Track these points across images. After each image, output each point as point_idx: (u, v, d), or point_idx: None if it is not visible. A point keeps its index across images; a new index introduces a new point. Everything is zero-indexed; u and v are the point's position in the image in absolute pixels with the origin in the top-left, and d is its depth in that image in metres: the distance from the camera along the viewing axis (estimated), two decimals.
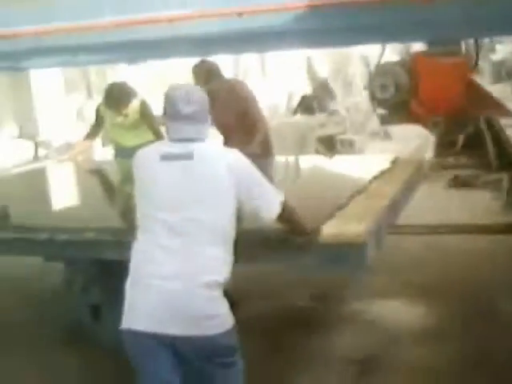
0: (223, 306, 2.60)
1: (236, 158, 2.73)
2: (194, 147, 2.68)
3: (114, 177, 5.63)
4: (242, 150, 2.84)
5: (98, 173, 5.87)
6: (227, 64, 11.18)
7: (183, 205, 2.61)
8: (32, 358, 4.17)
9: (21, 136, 9.44)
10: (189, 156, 2.65)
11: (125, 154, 5.53)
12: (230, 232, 2.66)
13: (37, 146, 8.93)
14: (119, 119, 5.76)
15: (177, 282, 2.52)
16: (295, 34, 4.70)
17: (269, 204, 2.74)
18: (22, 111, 9.19)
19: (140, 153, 2.87)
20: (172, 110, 2.72)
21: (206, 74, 5.27)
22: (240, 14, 4.41)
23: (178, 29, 4.59)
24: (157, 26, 4.63)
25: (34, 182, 5.61)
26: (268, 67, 13.37)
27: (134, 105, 5.73)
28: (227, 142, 5.41)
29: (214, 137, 6.49)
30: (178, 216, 2.59)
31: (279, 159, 5.64)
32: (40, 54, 5.20)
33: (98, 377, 3.82)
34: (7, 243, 3.74)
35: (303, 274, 4.01)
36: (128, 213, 2.83)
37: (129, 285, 2.63)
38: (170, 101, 2.74)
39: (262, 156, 5.06)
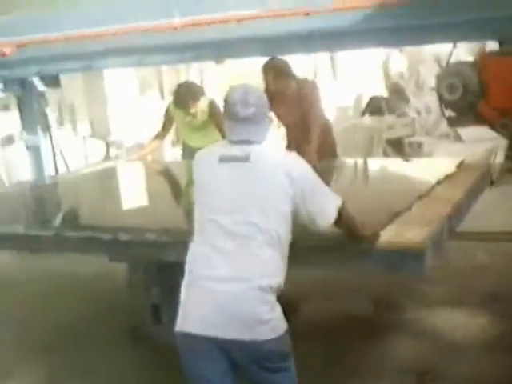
0: (276, 311, 2.57)
1: (293, 161, 2.70)
2: (252, 149, 2.66)
3: (181, 178, 5.67)
4: (303, 150, 2.82)
5: (166, 173, 5.94)
6: (298, 64, 11.14)
7: (239, 207, 2.59)
8: (95, 355, 4.28)
9: (93, 136, 9.66)
10: (246, 158, 2.64)
11: (192, 154, 5.55)
12: (285, 236, 2.62)
13: (108, 145, 9.13)
14: (187, 119, 5.80)
15: (230, 285, 2.50)
16: (365, 33, 4.64)
17: (325, 210, 2.69)
18: (95, 111, 9.40)
19: (199, 154, 2.89)
20: (230, 112, 2.72)
21: (275, 73, 5.28)
22: (307, 14, 4.38)
23: (246, 28, 4.58)
24: (226, 25, 4.64)
25: (103, 182, 5.73)
26: (339, 68, 13.23)
27: (203, 105, 5.75)
28: (291, 142, 5.40)
29: (276, 137, 6.52)
30: (233, 218, 2.58)
31: (347, 161, 5.59)
32: (113, 54, 5.28)
33: (156, 376, 3.87)
34: (74, 241, 3.83)
35: (362, 279, 3.95)
36: (190, 214, 2.83)
37: (184, 286, 2.64)
38: (228, 102, 2.74)
39: (323, 158, 5.04)
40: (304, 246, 2.85)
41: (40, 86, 6.22)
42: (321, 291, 4.80)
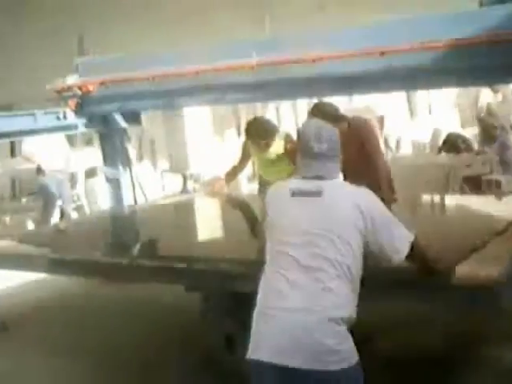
0: (347, 342, 2.60)
1: (365, 196, 2.76)
2: (324, 184, 2.73)
3: (256, 211, 5.78)
4: (374, 187, 2.87)
5: (241, 206, 6.06)
6: (371, 103, 11.19)
7: (310, 241, 2.65)
8: (169, 382, 4.38)
9: (172, 170, 9.93)
10: (318, 193, 2.71)
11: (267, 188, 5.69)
12: (357, 270, 2.67)
13: (185, 179, 9.36)
14: (262, 154, 5.93)
15: (301, 315, 2.56)
16: (440, 72, 4.65)
17: (397, 245, 2.73)
18: (173, 147, 9.67)
19: (272, 188, 2.99)
20: (304, 147, 2.80)
21: (321, 117, 5.35)
22: (382, 53, 4.44)
23: (321, 68, 4.68)
24: (301, 65, 4.76)
25: (180, 213, 5.91)
26: (416, 105, 13.20)
27: (277, 140, 5.88)
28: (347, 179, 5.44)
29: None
30: (304, 251, 2.64)
31: (424, 197, 5.60)
32: (192, 93, 5.45)
33: None
34: (149, 270, 3.98)
35: (438, 314, 3.91)
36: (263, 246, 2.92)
37: (255, 316, 2.70)
38: (302, 138, 2.83)
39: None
40: (376, 278, 2.88)
41: (121, 123, 6.47)
42: (396, 323, 4.76)
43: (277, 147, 5.88)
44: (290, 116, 12.05)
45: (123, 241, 5.18)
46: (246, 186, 10.13)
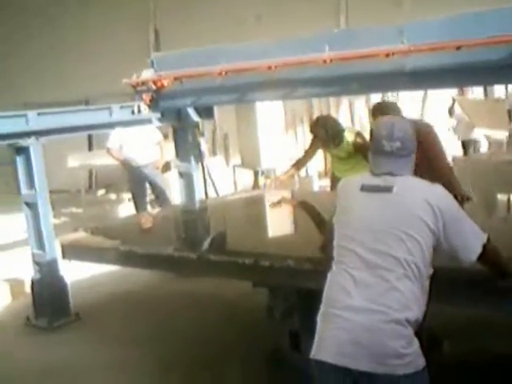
0: (413, 346, 2.53)
1: (438, 193, 2.68)
2: (395, 180, 2.68)
3: (325, 207, 5.74)
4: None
5: (311, 203, 6.02)
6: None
7: (378, 238, 2.60)
8: (233, 377, 4.38)
9: (243, 165, 9.96)
10: (388, 189, 2.65)
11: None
12: (426, 269, 2.59)
13: (257, 174, 9.37)
14: (334, 150, 5.89)
15: (366, 316, 2.51)
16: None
17: (469, 245, 2.64)
18: (246, 142, 9.69)
19: (342, 182, 2.96)
20: (376, 145, 2.76)
21: (382, 115, 5.31)
22: (458, 48, 4.33)
23: (394, 62, 4.59)
24: (374, 59, 4.68)
25: (249, 208, 5.91)
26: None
27: (348, 137, 5.83)
28: None
29: None
30: (371, 249, 2.59)
31: (500, 197, 5.44)
32: (265, 87, 5.45)
33: None
34: (219, 266, 3.99)
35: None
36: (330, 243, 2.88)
37: (320, 315, 2.67)
38: (374, 136, 2.79)
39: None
40: (446, 280, 2.80)
41: (195, 117, 6.52)
42: (467, 328, 4.62)
43: (347, 144, 5.83)
44: (363, 111, 11.89)
45: (193, 235, 5.23)
46: (317, 183, 10.10)
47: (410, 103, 11.21)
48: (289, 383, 3.99)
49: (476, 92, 11.80)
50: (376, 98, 10.97)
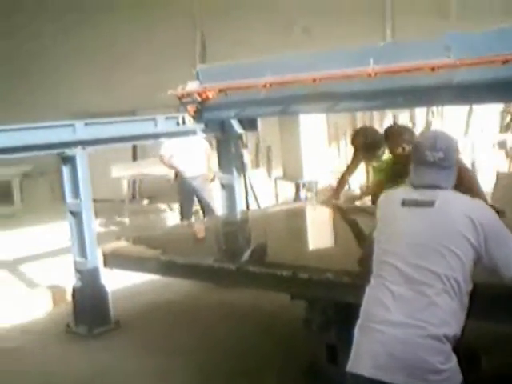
0: (451, 362, 2.50)
1: (480, 209, 2.66)
2: (437, 195, 2.66)
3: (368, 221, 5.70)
4: None
5: (353, 216, 5.99)
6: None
7: (418, 253, 2.58)
8: None
9: (285, 177, 9.96)
10: (430, 203, 2.64)
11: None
12: (465, 285, 2.56)
13: (298, 187, 9.37)
14: (375, 163, 5.88)
15: (403, 330, 2.49)
16: None
17: (510, 260, 2.59)
18: (288, 154, 9.70)
19: (384, 196, 2.95)
20: (418, 156, 2.74)
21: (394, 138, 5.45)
22: (505, 62, 4.27)
23: (439, 76, 4.55)
24: (420, 73, 4.65)
25: (290, 221, 5.91)
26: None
27: (381, 149, 5.85)
28: None
29: None
30: (411, 264, 2.57)
31: None
32: (309, 100, 5.45)
33: None
34: (258, 277, 3.99)
35: None
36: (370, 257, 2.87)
37: (357, 328, 2.66)
38: (417, 146, 2.78)
39: None
40: (488, 296, 2.76)
41: (238, 129, 6.56)
42: (505, 343, 4.52)
43: (388, 156, 5.83)
44: (407, 125, 11.81)
45: (233, 246, 5.25)
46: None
47: (454, 119, 11.11)
48: None
49: None
50: (421, 112, 10.92)
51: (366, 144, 5.90)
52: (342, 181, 6.46)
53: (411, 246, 2.61)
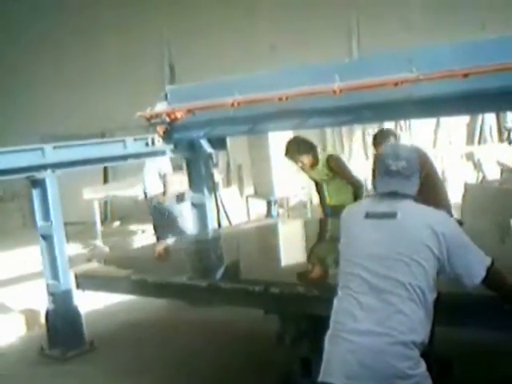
0: (420, 367, 2.55)
1: (441, 219, 2.72)
2: (399, 206, 2.71)
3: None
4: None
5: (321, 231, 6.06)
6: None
7: (382, 263, 2.64)
8: None
9: (257, 194, 10.00)
10: (392, 215, 2.69)
11: (332, 212, 6.12)
12: (430, 293, 2.62)
13: (270, 204, 9.40)
14: (314, 174, 6.04)
15: (372, 338, 2.54)
16: None
17: (472, 269, 2.67)
18: (259, 172, 9.74)
19: (347, 209, 3.01)
20: (381, 165, 2.81)
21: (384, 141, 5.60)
22: (465, 75, 4.36)
23: (403, 91, 4.63)
24: (383, 88, 4.72)
25: (260, 237, 5.97)
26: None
27: (320, 159, 6.13)
28: None
29: None
30: (376, 274, 2.63)
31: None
32: (277, 118, 5.51)
33: None
34: (229, 293, 4.02)
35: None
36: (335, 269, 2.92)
37: (327, 338, 2.71)
38: (379, 157, 2.85)
39: None
40: (451, 303, 2.82)
41: (208, 148, 6.59)
42: (475, 351, 4.59)
43: (322, 166, 6.00)
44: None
45: (204, 264, 5.27)
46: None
47: (422, 132, 11.25)
48: None
49: None
50: (389, 126, 11.03)
51: (297, 148, 6.15)
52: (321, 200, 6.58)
53: (375, 257, 2.67)
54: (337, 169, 6.12)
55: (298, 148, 6.12)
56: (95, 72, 13.10)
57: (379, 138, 5.78)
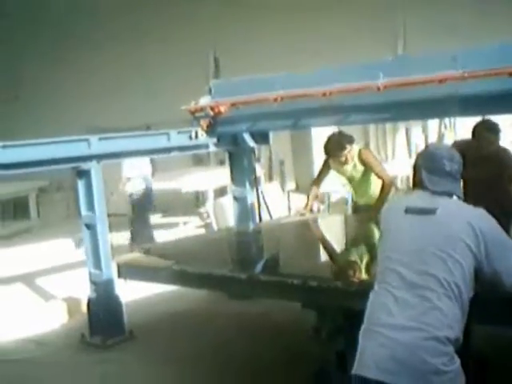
0: (454, 364, 2.54)
1: (480, 217, 2.71)
2: (440, 203, 2.71)
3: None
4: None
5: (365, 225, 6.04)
6: None
7: (419, 259, 2.64)
8: None
9: (298, 190, 10.02)
10: (432, 211, 2.70)
11: (357, 208, 6.20)
12: (466, 290, 2.61)
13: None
14: (341, 170, 6.10)
15: (406, 334, 2.54)
16: None
17: (511, 269, 2.64)
18: (301, 167, 9.76)
19: (388, 204, 3.07)
20: (434, 164, 2.85)
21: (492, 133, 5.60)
22: (511, 74, 4.32)
23: (447, 89, 4.61)
24: (428, 86, 4.71)
25: (301, 232, 5.98)
26: None
27: (351, 153, 6.03)
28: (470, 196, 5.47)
29: None
30: (413, 269, 2.63)
31: None
32: (320, 114, 5.52)
33: None
34: (268, 286, 4.06)
35: None
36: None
37: (361, 332, 2.72)
38: (433, 155, 2.88)
39: None
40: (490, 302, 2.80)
41: (250, 142, 6.63)
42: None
43: (353, 162, 5.96)
44: (420, 138, 11.81)
45: (245, 257, 5.32)
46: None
47: (466, 130, 11.12)
48: None
49: None
50: (433, 124, 10.95)
51: (339, 144, 6.06)
52: (313, 190, 6.53)
53: (413, 252, 2.67)
54: (368, 162, 6.05)
55: (339, 143, 6.07)
56: (141, 66, 13.24)
57: (480, 129, 5.69)
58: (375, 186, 6.05)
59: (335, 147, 6.07)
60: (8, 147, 5.32)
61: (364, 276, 3.77)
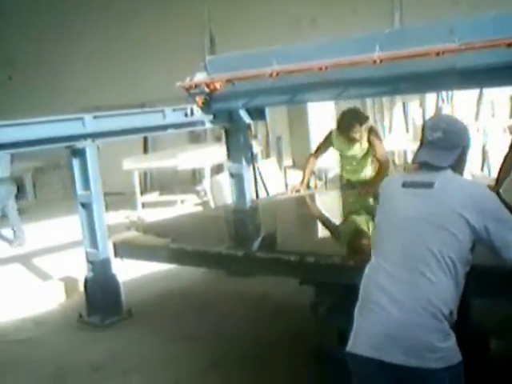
0: (449, 340, 2.51)
1: (479, 190, 2.66)
2: (437, 176, 2.67)
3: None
4: None
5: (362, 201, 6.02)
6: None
7: (414, 232, 2.61)
8: (280, 372, 4.43)
9: (295, 166, 9.97)
10: (429, 185, 2.65)
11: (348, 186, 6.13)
12: (462, 265, 2.57)
13: None
14: (347, 149, 6.04)
15: (401, 310, 2.51)
16: None
17: (510, 242, 2.59)
18: (297, 143, 9.70)
19: (386, 180, 2.99)
20: (422, 136, 2.80)
21: None
22: (509, 45, 4.26)
23: (444, 61, 4.56)
24: (424, 58, 4.65)
25: (298, 208, 5.95)
26: None
27: (363, 130, 5.96)
28: None
29: None
30: (407, 243, 2.60)
31: None
32: (316, 88, 5.46)
33: None
34: (265, 263, 4.04)
35: None
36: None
37: (356, 309, 2.69)
38: (422, 127, 2.81)
39: None
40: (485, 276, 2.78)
41: (246, 119, 6.57)
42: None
43: (362, 140, 5.92)
44: (417, 112, 11.71)
45: (241, 234, 5.30)
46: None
47: (464, 104, 11.05)
48: (335, 377, 3.98)
49: None
50: (431, 98, 10.87)
51: (351, 121, 6.00)
52: (310, 162, 6.51)
53: (408, 226, 2.63)
54: (374, 141, 6.02)
55: (358, 117, 6.01)
56: (135, 43, 13.12)
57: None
58: (371, 167, 6.05)
59: (353, 121, 5.99)
60: (1, 127, 5.27)
61: (361, 251, 3.74)
